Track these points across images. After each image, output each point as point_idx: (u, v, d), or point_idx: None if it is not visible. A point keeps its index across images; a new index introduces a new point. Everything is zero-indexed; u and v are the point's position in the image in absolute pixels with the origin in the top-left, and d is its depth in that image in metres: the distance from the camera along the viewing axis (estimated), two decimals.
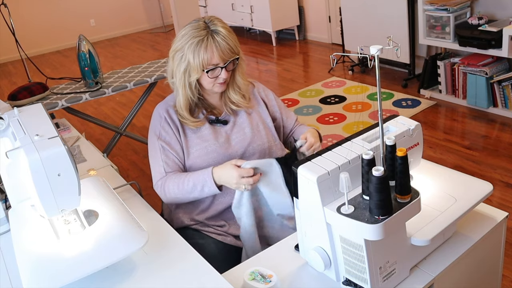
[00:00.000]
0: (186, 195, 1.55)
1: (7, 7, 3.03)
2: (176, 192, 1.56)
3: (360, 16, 4.61)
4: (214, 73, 1.55)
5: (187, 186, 1.54)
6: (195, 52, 1.51)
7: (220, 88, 1.60)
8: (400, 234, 1.10)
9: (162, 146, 1.59)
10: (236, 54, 1.56)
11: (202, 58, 1.51)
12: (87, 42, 3.06)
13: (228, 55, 1.53)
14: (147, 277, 1.24)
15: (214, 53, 1.51)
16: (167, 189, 1.57)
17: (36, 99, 2.92)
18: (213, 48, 1.51)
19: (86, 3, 7.97)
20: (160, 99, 1.68)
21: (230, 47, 1.53)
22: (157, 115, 1.64)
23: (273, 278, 1.16)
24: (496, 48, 3.42)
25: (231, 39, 1.53)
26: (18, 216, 1.39)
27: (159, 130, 1.61)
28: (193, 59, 1.52)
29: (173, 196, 1.57)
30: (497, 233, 1.33)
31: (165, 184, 1.57)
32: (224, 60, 1.54)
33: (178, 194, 1.56)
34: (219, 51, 1.51)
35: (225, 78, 1.56)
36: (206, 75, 1.55)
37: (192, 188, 1.53)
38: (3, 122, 1.29)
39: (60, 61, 7.18)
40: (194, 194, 1.54)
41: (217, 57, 1.52)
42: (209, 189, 1.52)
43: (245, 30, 7.34)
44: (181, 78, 1.57)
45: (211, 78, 1.56)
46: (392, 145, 1.06)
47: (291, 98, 4.51)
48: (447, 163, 3.09)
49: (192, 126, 1.61)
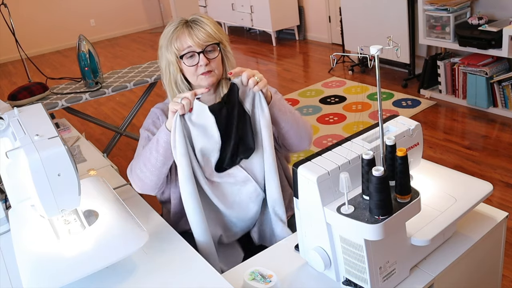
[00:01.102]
0: (146, 160, 1.45)
1: (7, 7, 3.03)
2: (139, 164, 1.48)
3: (360, 16, 4.61)
4: (192, 60, 1.49)
5: (145, 151, 1.47)
6: (168, 42, 1.49)
7: (205, 80, 1.50)
8: (400, 234, 1.10)
9: (148, 136, 1.55)
10: (214, 39, 1.49)
11: (174, 46, 1.48)
12: (87, 42, 3.06)
13: (204, 39, 1.47)
14: (147, 277, 1.24)
15: (186, 38, 1.47)
16: (133, 167, 1.50)
17: (36, 99, 2.92)
18: (185, 34, 1.47)
19: (86, 3, 7.98)
20: (160, 99, 1.67)
21: (206, 31, 1.47)
22: (152, 113, 1.61)
23: (273, 278, 1.16)
24: (496, 48, 3.42)
25: (208, 25, 1.49)
26: (18, 216, 1.39)
27: (148, 124, 1.58)
28: (166, 50, 1.49)
29: (138, 172, 1.48)
30: (497, 233, 1.33)
31: (132, 164, 1.52)
32: (200, 45, 1.47)
33: (139, 163, 1.47)
34: (192, 36, 1.46)
35: (204, 63, 1.48)
36: (185, 64, 1.49)
37: (149, 148, 1.45)
38: (3, 122, 1.29)
39: (60, 61, 7.18)
40: (152, 153, 1.44)
41: (190, 42, 1.46)
42: (162, 135, 1.43)
43: (245, 30, 7.34)
44: (165, 74, 1.54)
45: (189, 66, 1.49)
46: (392, 145, 1.06)
47: (291, 98, 4.51)
48: (447, 163, 3.09)
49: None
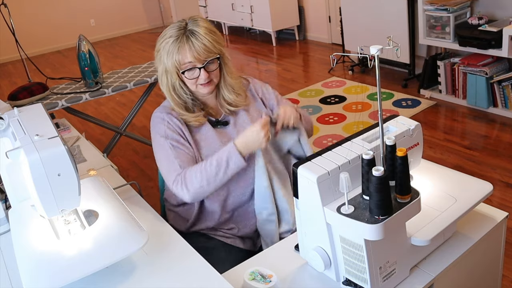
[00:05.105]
0: (211, 179, 1.45)
1: (7, 7, 3.03)
2: (199, 180, 1.45)
3: (360, 16, 4.61)
4: (193, 74, 1.50)
5: (210, 169, 1.45)
6: (168, 53, 1.48)
7: (204, 89, 1.54)
8: (400, 234, 1.10)
9: (172, 144, 1.52)
10: (215, 54, 1.51)
11: (174, 59, 1.48)
12: (87, 42, 3.06)
13: (204, 54, 1.48)
14: (147, 277, 1.24)
15: (187, 54, 1.47)
16: (189, 180, 1.46)
17: (36, 99, 2.92)
18: (185, 49, 1.46)
19: (86, 3, 7.98)
20: (160, 99, 1.66)
21: (206, 47, 1.47)
22: (158, 118, 1.58)
23: (273, 278, 1.16)
24: (496, 48, 3.42)
25: (207, 38, 1.47)
26: (18, 216, 1.39)
27: (164, 130, 1.55)
28: (166, 60, 1.49)
29: (197, 187, 1.46)
30: (497, 233, 1.34)
31: (185, 177, 1.47)
32: (200, 61, 1.48)
33: (202, 181, 1.45)
34: (192, 51, 1.46)
35: (205, 79, 1.51)
36: (185, 77, 1.51)
37: (217, 168, 1.45)
38: (3, 122, 1.29)
39: (60, 61, 7.18)
40: (220, 176, 1.45)
41: (190, 57, 1.47)
42: (235, 163, 1.45)
43: (245, 30, 7.34)
44: (162, 80, 1.54)
45: (190, 79, 1.51)
46: (392, 145, 1.06)
47: (291, 98, 4.51)
48: (447, 163, 3.09)
49: (194, 122, 1.56)
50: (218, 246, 1.59)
